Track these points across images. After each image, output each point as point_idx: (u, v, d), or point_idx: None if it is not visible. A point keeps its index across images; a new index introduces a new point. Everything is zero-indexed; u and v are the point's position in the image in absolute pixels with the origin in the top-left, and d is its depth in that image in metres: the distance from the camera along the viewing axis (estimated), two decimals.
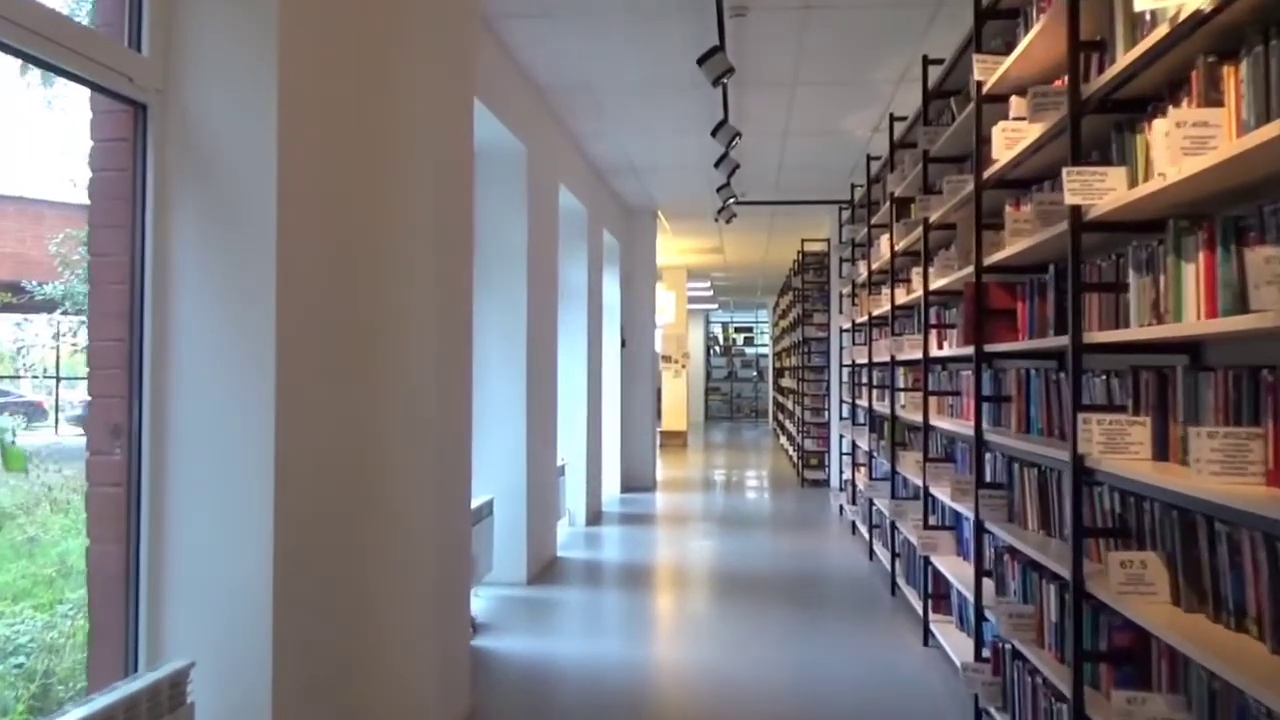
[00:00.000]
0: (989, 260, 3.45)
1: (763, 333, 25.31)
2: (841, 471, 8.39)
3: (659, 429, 15.90)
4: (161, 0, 2.66)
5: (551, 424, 6.53)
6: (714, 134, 5.67)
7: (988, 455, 3.69)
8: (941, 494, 4.24)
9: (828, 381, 10.50)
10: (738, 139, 5.68)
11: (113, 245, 2.67)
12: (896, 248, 5.42)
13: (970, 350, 3.72)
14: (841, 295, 8.50)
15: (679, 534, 7.72)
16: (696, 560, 6.75)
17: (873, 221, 6.47)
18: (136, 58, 2.59)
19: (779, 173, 8.28)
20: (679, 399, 16.40)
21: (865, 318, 6.82)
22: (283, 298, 2.69)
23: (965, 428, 3.96)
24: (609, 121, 6.62)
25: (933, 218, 4.43)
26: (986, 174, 3.47)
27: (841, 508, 8.42)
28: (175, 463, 2.65)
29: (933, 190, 4.55)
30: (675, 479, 11.42)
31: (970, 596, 3.74)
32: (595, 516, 8.22)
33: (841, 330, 8.46)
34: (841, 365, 8.46)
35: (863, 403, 7.13)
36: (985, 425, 3.64)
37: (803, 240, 10.78)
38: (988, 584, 3.59)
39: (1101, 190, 2.42)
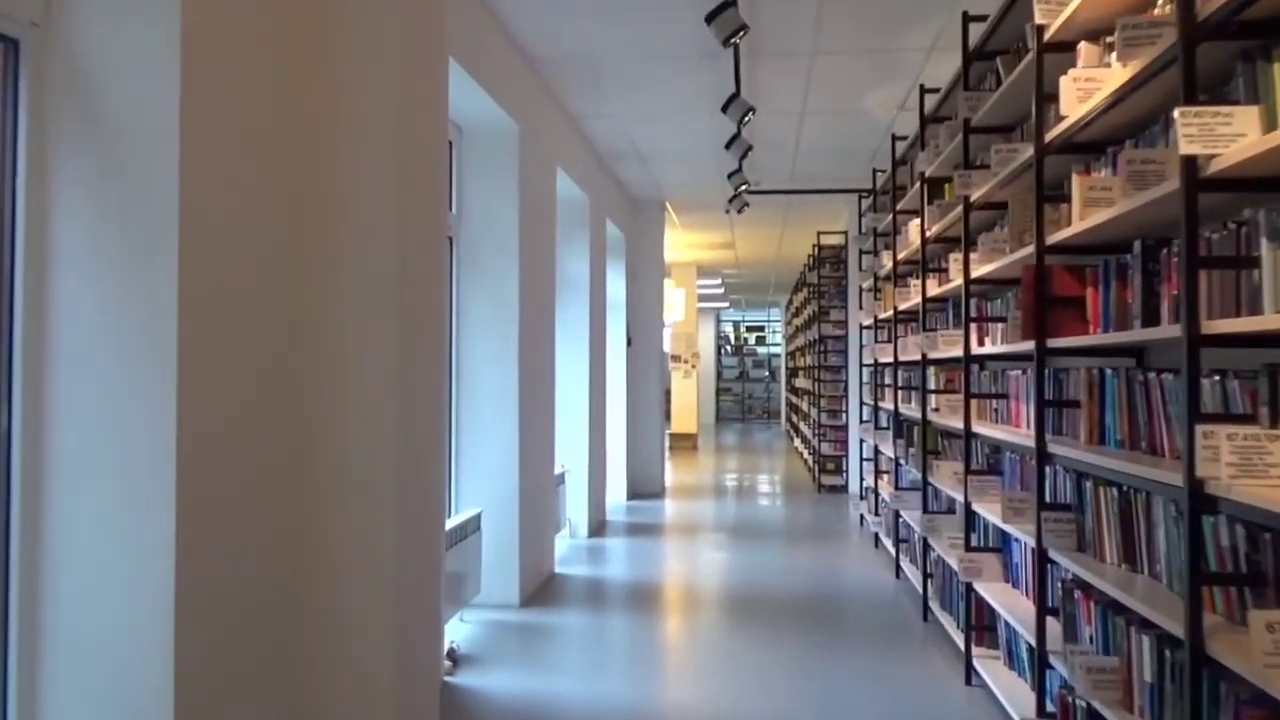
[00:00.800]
0: (1053, 239, 2.90)
1: (775, 332, 24.76)
2: (862, 478, 7.85)
3: (668, 431, 15.38)
4: None
5: (548, 428, 6.00)
6: (725, 109, 5.13)
7: (1048, 469, 3.14)
8: (987, 512, 3.69)
9: (845, 382, 9.94)
10: (751, 115, 5.14)
11: None
12: (928, 234, 4.87)
13: (1025, 346, 3.17)
14: (861, 290, 7.95)
15: (688, 546, 7.18)
16: (706, 576, 6.20)
17: (899, 207, 5.92)
18: None
19: (794, 159, 7.73)
20: (689, 400, 15.86)
21: (889, 313, 6.27)
22: (188, 281, 2.17)
23: (1015, 436, 3.41)
24: (609, 99, 6.09)
25: (975, 196, 3.88)
26: (1051, 136, 2.92)
27: (862, 517, 7.86)
28: (53, 486, 2.13)
29: (974, 165, 4.00)
30: (685, 484, 10.88)
31: (1028, 636, 3.19)
32: (598, 527, 7.69)
33: (862, 327, 7.91)
34: (862, 365, 7.91)
35: (887, 405, 6.57)
36: (1046, 434, 3.08)
37: (818, 233, 10.23)
38: (1053, 624, 3.03)
39: (1228, 136, 1.87)
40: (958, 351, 4.26)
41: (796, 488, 10.58)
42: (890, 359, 6.42)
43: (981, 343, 4.11)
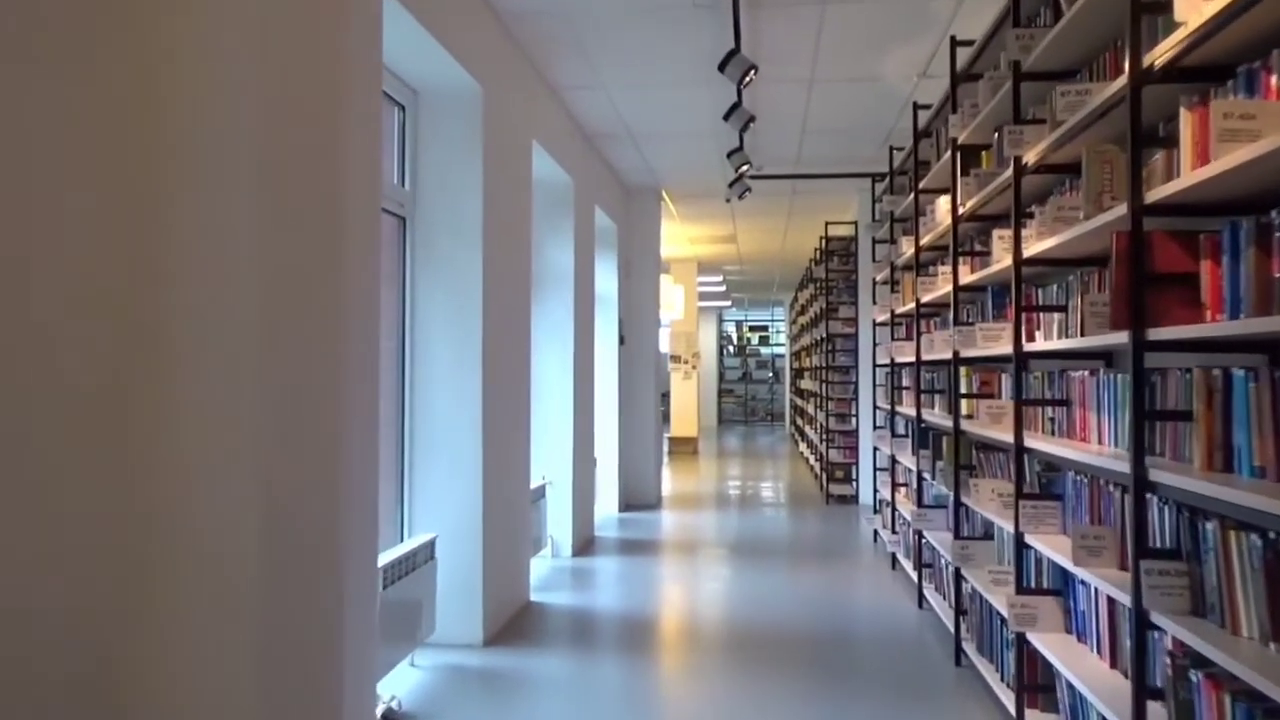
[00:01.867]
0: (1154, 198, 2.18)
1: (779, 331, 24.05)
2: (875, 490, 7.13)
3: (667, 435, 14.66)
4: None
5: (522, 437, 5.28)
6: (722, 67, 4.41)
7: (1145, 500, 2.41)
8: (1047, 547, 2.97)
9: (855, 384, 9.21)
10: (752, 75, 4.42)
11: None
12: (961, 210, 4.14)
13: (1099, 341, 2.45)
14: (875, 283, 7.23)
15: (684, 567, 6.45)
16: (704, 606, 5.48)
17: (921, 185, 5.19)
18: None
19: (801, 139, 7.00)
20: (689, 402, 15.13)
21: (909, 306, 5.54)
22: None
23: (1083, 453, 2.69)
24: (593, 64, 5.37)
25: (1029, 157, 3.15)
26: (1154, 60, 2.20)
27: (876, 533, 7.13)
28: None
29: (1026, 119, 3.27)
30: (684, 493, 10.15)
31: (1107, 713, 2.46)
32: (585, 545, 6.96)
33: (875, 324, 7.18)
34: (875, 365, 7.19)
35: (906, 410, 5.84)
36: (1123, 453, 2.36)
37: (826, 224, 9.50)
38: (1155, 708, 2.30)
39: None
40: (1003, 348, 3.54)
41: (802, 497, 9.85)
42: (910, 358, 5.69)
43: (1031, 337, 3.39)
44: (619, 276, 8.59)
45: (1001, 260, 3.45)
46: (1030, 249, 3.14)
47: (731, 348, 24.61)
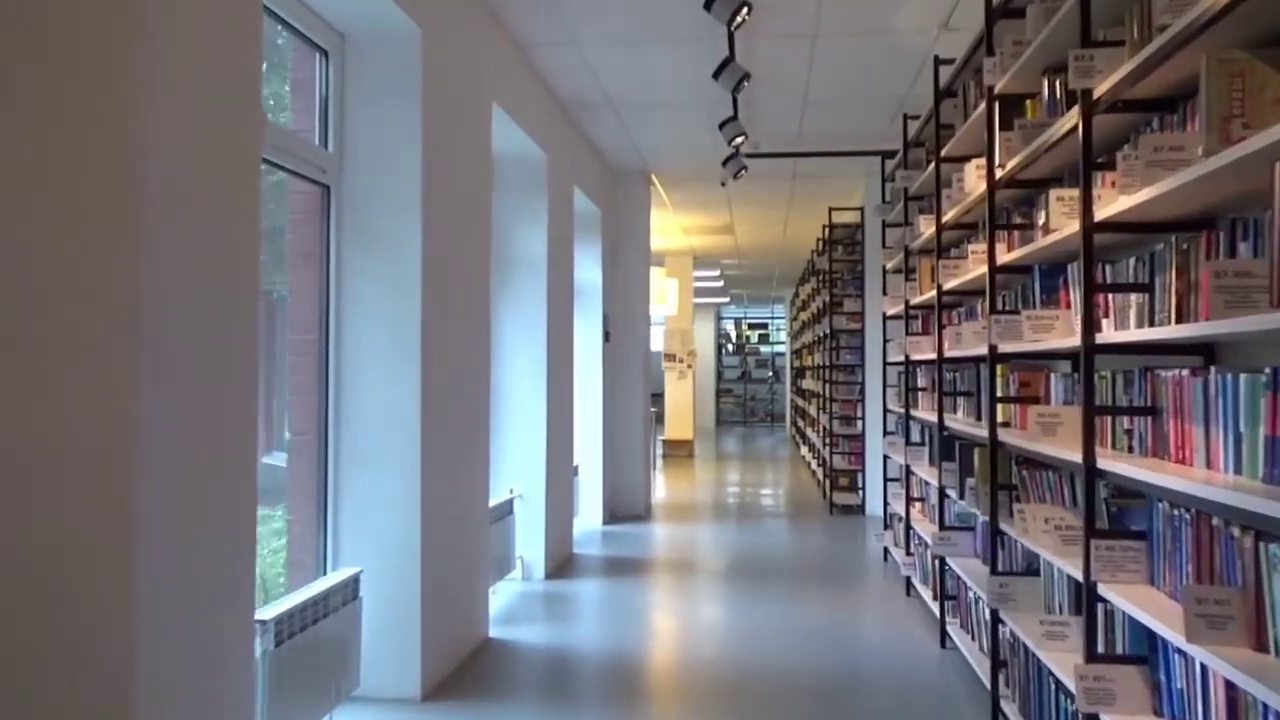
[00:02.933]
0: None
1: (779, 329, 23.33)
2: (886, 502, 6.40)
3: (660, 438, 13.94)
4: None
5: (480, 445, 4.54)
6: (709, 4, 3.66)
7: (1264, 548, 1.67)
8: (1132, 603, 2.22)
9: (862, 384, 8.47)
10: (746, 12, 3.68)
11: None
12: (1000, 172, 3.39)
13: (1214, 329, 1.72)
14: (885, 272, 6.48)
15: (672, 593, 5.71)
16: (693, 644, 4.73)
17: (945, 152, 4.44)
18: None
19: (803, 110, 6.26)
20: (684, 403, 14.39)
21: (929, 295, 4.80)
22: None
23: (1185, 481, 1.95)
24: (561, 17, 4.62)
25: (1102, 88, 2.41)
26: None
27: (886, 551, 6.39)
28: None
29: (1097, 41, 2.52)
30: (676, 502, 9.41)
31: None
32: (561, 565, 6.22)
33: (885, 318, 6.44)
34: (885, 363, 6.45)
35: (923, 415, 5.10)
36: None
37: (830, 210, 8.74)
38: None
39: None
40: (1059, 340, 2.80)
41: (804, 507, 9.10)
42: (929, 355, 4.95)
43: (1099, 326, 2.64)
44: (603, 267, 7.85)
45: (1062, 228, 2.70)
46: (1105, 210, 2.40)
47: (730, 346, 23.88)
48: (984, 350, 3.61)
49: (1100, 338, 2.49)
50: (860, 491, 8.53)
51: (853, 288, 8.72)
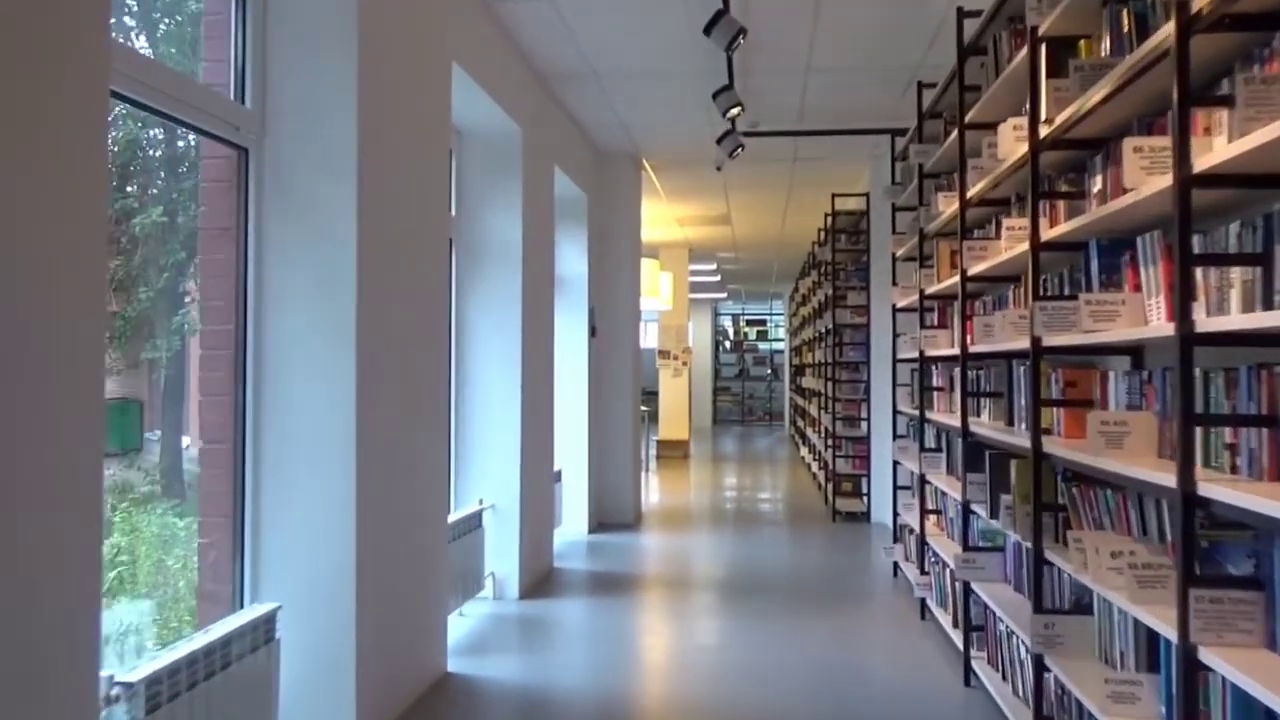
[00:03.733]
0: None
1: (778, 325, 22.78)
2: (895, 512, 5.84)
3: (655, 438, 13.39)
4: None
5: (437, 451, 3.97)
6: None
7: None
8: (1246, 675, 1.66)
9: (867, 382, 7.91)
10: None
11: None
12: (1046, 130, 2.82)
13: None
14: (895, 260, 5.91)
15: (660, 615, 5.15)
16: (683, 681, 4.16)
17: (971, 118, 3.87)
18: None
19: (805, 81, 5.69)
20: (679, 402, 13.82)
21: (950, 282, 4.25)
22: None
23: None
24: None
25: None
26: None
27: (896, 566, 5.82)
28: None
29: None
30: (669, 508, 8.85)
31: None
32: (538, 582, 5.65)
33: (895, 310, 5.87)
34: (895, 360, 5.88)
35: (941, 418, 4.54)
36: None
37: (833, 196, 8.17)
38: None
39: None
40: (1132, 330, 2.24)
41: (805, 513, 8.54)
42: (948, 350, 4.40)
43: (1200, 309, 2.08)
44: (589, 257, 7.28)
45: (1141, 186, 2.13)
46: (1207, 161, 1.83)
47: (728, 343, 23.33)
48: (1022, 344, 3.04)
49: (1203, 325, 1.92)
50: (865, 497, 7.96)
51: (857, 279, 8.16)
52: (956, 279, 4.07)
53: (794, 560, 6.46)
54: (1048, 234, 2.87)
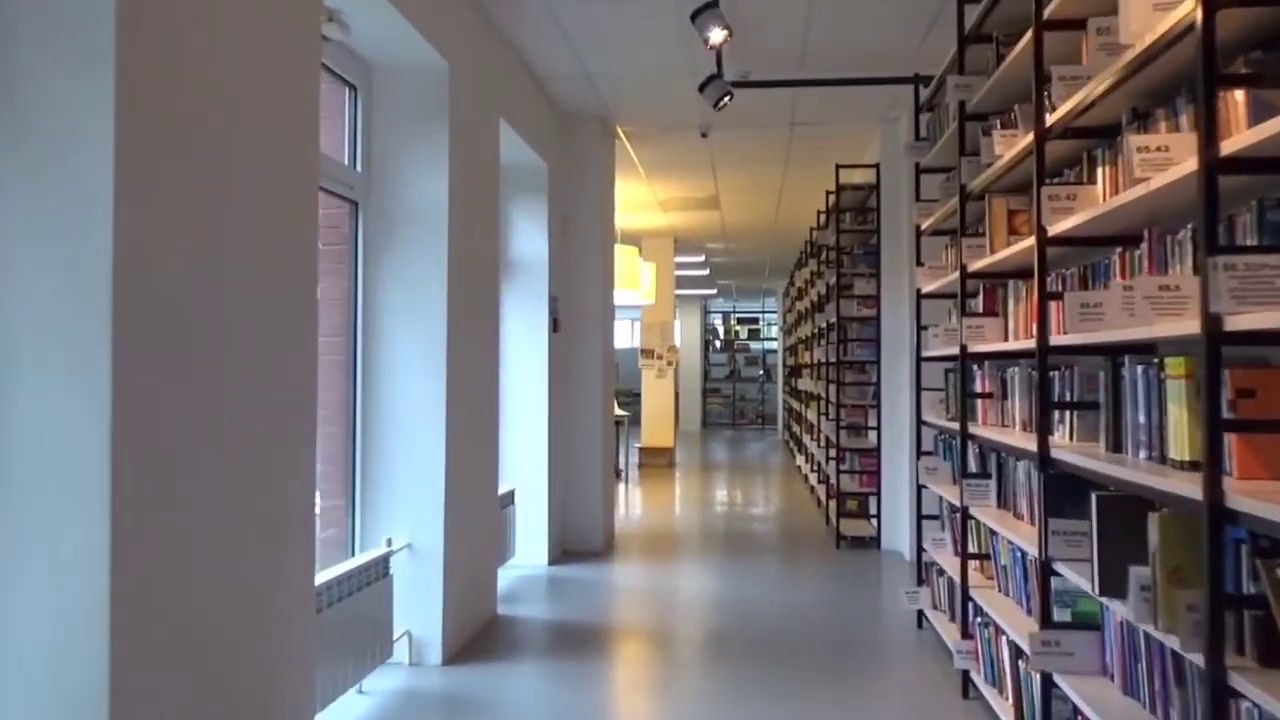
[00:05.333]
0: None
1: (771, 324, 21.71)
2: (921, 548, 4.70)
3: (637, 445, 12.27)
4: None
5: (298, 487, 2.79)
6: None
7: None
8: None
9: (877, 385, 6.77)
10: None
11: None
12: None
13: None
14: (920, 235, 4.76)
15: (624, 697, 4.00)
16: None
17: (1052, 11, 2.72)
18: None
19: (808, 13, 4.55)
20: (663, 406, 12.67)
21: (1016, 251, 3.11)
22: None
23: None
24: None
25: None
26: None
27: (923, 617, 4.68)
28: None
29: None
30: (648, 528, 7.70)
31: None
32: (473, 640, 4.49)
33: (920, 296, 4.73)
34: (919, 358, 4.74)
35: (991, 434, 3.38)
36: None
37: (837, 168, 7.02)
38: None
39: None
40: None
41: (804, 537, 7.39)
42: (1003, 344, 3.28)
43: None
44: (551, 237, 6.13)
45: None
46: None
47: (718, 342, 22.22)
48: (1178, 328, 1.90)
49: None
50: (875, 520, 6.82)
51: (865, 265, 7.02)
52: (1022, 246, 2.93)
53: (794, 603, 5.31)
54: (1239, 142, 1.72)
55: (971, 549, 3.79)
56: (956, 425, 3.92)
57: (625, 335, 18.89)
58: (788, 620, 4.89)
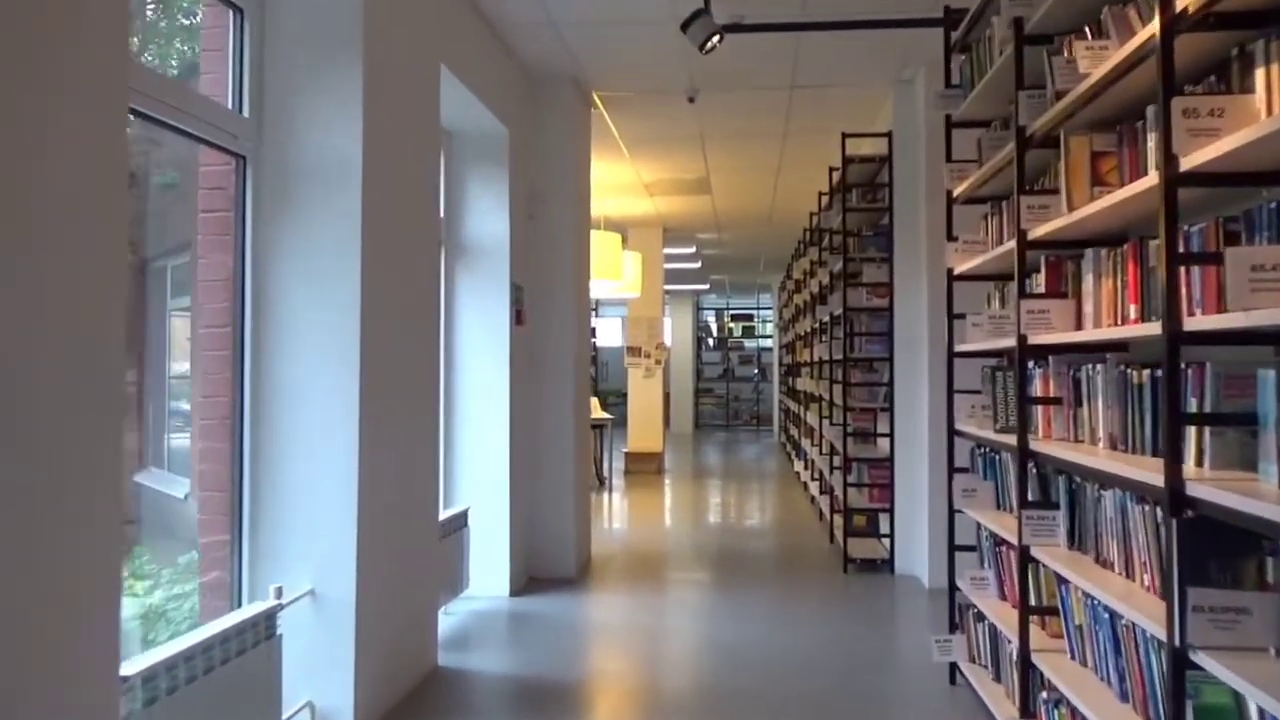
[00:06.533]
0: None
1: (766, 321, 20.89)
2: (954, 587, 3.84)
3: (623, 450, 11.42)
4: None
5: (93, 537, 1.92)
6: None
7: None
8: None
9: (890, 386, 5.92)
10: None
11: None
12: None
13: None
14: (952, 202, 3.90)
15: None
16: None
17: None
18: None
19: None
20: (651, 408, 11.79)
21: (1088, 213, 2.25)
22: None
23: None
24: None
25: None
26: None
27: (955, 670, 3.82)
28: None
29: None
30: (630, 546, 6.84)
31: None
32: (400, 707, 3.62)
33: (951, 278, 3.86)
34: (952, 354, 3.88)
35: (1068, 453, 2.52)
36: None
37: (844, 137, 6.14)
38: None
39: None
40: None
41: (807, 558, 6.54)
42: (1079, 333, 2.43)
43: None
44: (512, 216, 5.26)
45: None
46: None
47: (711, 340, 21.38)
48: None
49: None
50: (887, 540, 5.97)
51: (875, 249, 6.16)
52: (1124, 194, 2.09)
53: (800, 648, 4.43)
54: None
55: (1034, 601, 2.94)
56: (1007, 439, 3.07)
57: (614, 333, 18.04)
58: (793, 671, 4.03)
